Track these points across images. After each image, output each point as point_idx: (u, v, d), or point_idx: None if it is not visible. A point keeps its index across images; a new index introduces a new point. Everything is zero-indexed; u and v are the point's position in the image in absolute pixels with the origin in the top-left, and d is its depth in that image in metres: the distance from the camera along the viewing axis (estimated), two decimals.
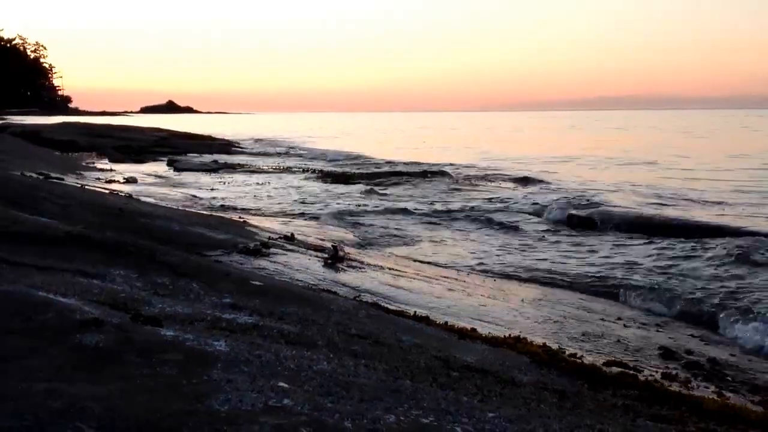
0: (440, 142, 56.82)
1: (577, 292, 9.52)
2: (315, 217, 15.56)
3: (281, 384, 3.15)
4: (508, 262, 11.41)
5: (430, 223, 15.54)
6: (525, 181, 25.05)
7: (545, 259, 11.67)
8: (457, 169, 29.39)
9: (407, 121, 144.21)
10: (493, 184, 24.62)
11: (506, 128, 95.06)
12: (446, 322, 6.17)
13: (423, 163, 31.10)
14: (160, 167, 28.53)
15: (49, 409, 2.50)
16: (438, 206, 18.20)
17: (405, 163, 31.95)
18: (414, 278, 8.88)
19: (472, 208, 17.92)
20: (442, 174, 26.76)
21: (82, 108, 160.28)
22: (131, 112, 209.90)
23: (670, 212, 16.92)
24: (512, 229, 14.97)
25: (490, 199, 19.87)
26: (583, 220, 15.37)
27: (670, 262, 11.36)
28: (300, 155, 40.20)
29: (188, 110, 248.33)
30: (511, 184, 24.37)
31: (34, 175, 14.62)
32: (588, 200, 18.77)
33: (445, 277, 9.52)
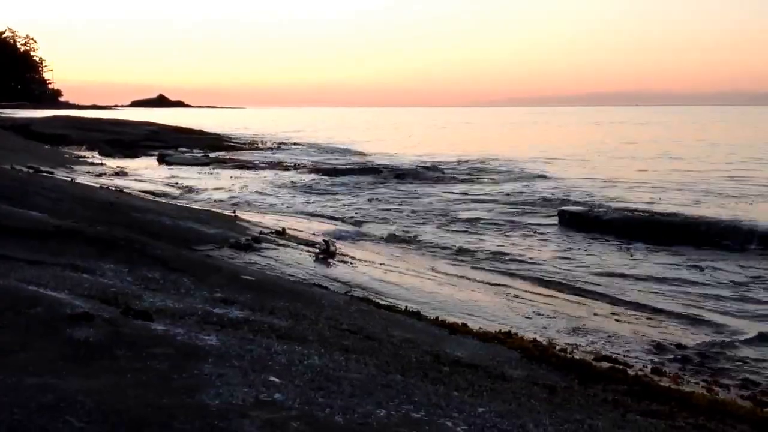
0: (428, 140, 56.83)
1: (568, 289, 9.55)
2: (305, 212, 15.55)
3: (272, 378, 3.15)
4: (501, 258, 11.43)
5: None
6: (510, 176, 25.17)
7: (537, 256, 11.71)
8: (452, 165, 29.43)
9: (401, 117, 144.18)
10: (478, 179, 24.67)
11: (507, 125, 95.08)
12: (437, 318, 6.18)
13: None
14: (151, 161, 28.44)
15: (39, 403, 2.49)
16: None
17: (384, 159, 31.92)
18: (405, 273, 8.89)
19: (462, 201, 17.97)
20: (435, 169, 26.80)
21: (72, 101, 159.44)
22: (122, 106, 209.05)
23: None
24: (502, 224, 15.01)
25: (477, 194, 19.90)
26: (575, 216, 15.37)
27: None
28: (291, 150, 40.13)
29: (179, 104, 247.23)
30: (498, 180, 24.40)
31: (24, 169, 14.55)
32: (578, 197, 18.83)
33: (435, 272, 9.53)
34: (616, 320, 7.79)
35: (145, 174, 22.47)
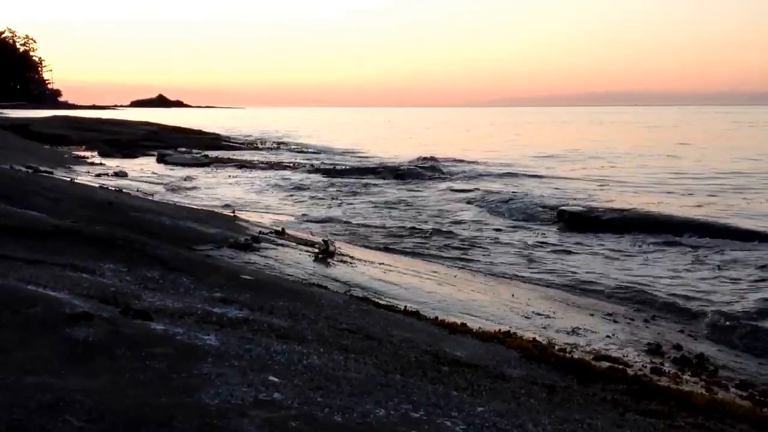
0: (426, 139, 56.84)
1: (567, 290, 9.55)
2: (305, 212, 15.56)
3: (271, 378, 3.15)
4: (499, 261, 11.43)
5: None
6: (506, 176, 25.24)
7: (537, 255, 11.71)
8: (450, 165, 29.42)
9: (399, 116, 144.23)
10: (475, 179, 24.68)
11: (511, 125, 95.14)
12: (436, 317, 6.18)
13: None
14: (150, 161, 28.44)
15: (38, 402, 2.49)
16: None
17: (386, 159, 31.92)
18: (404, 273, 8.89)
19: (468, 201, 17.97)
20: (433, 169, 26.82)
21: (71, 101, 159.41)
22: (121, 106, 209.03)
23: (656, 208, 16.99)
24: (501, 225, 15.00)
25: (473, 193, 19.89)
26: (574, 216, 15.36)
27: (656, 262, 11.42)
28: (290, 150, 40.14)
29: (178, 104, 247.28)
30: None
31: (24, 169, 14.54)
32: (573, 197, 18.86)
33: (434, 272, 9.53)
34: (615, 320, 7.80)
35: (144, 174, 22.46)
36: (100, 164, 24.13)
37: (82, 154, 28.93)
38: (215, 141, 42.72)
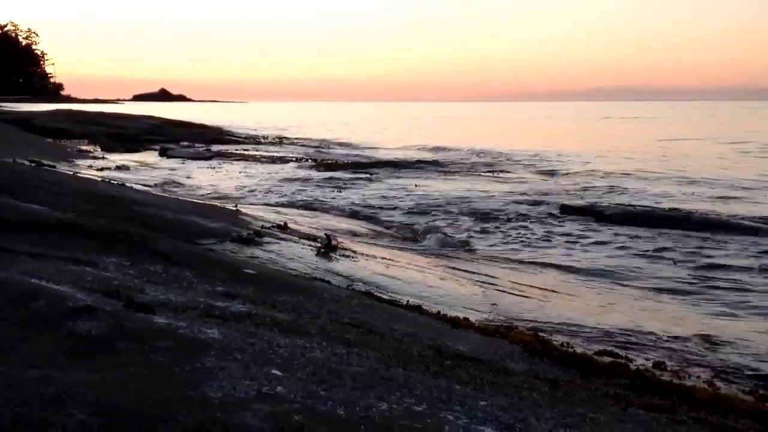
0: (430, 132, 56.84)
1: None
2: (308, 206, 15.55)
3: (274, 372, 3.15)
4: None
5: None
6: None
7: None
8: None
9: (400, 111, 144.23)
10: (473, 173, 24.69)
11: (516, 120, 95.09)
12: (439, 312, 6.18)
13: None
14: (153, 155, 28.44)
15: (41, 395, 2.50)
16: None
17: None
18: (407, 268, 8.89)
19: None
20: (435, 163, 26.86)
21: (74, 95, 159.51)
22: (124, 100, 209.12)
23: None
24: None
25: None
26: (578, 211, 15.35)
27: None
28: (293, 144, 40.11)
29: (181, 98, 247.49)
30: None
31: (27, 163, 14.55)
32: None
33: (437, 266, 9.52)
34: (617, 315, 7.79)
35: (146, 168, 22.47)
36: (103, 158, 24.15)
37: (84, 148, 28.95)
38: (218, 135, 42.71)
